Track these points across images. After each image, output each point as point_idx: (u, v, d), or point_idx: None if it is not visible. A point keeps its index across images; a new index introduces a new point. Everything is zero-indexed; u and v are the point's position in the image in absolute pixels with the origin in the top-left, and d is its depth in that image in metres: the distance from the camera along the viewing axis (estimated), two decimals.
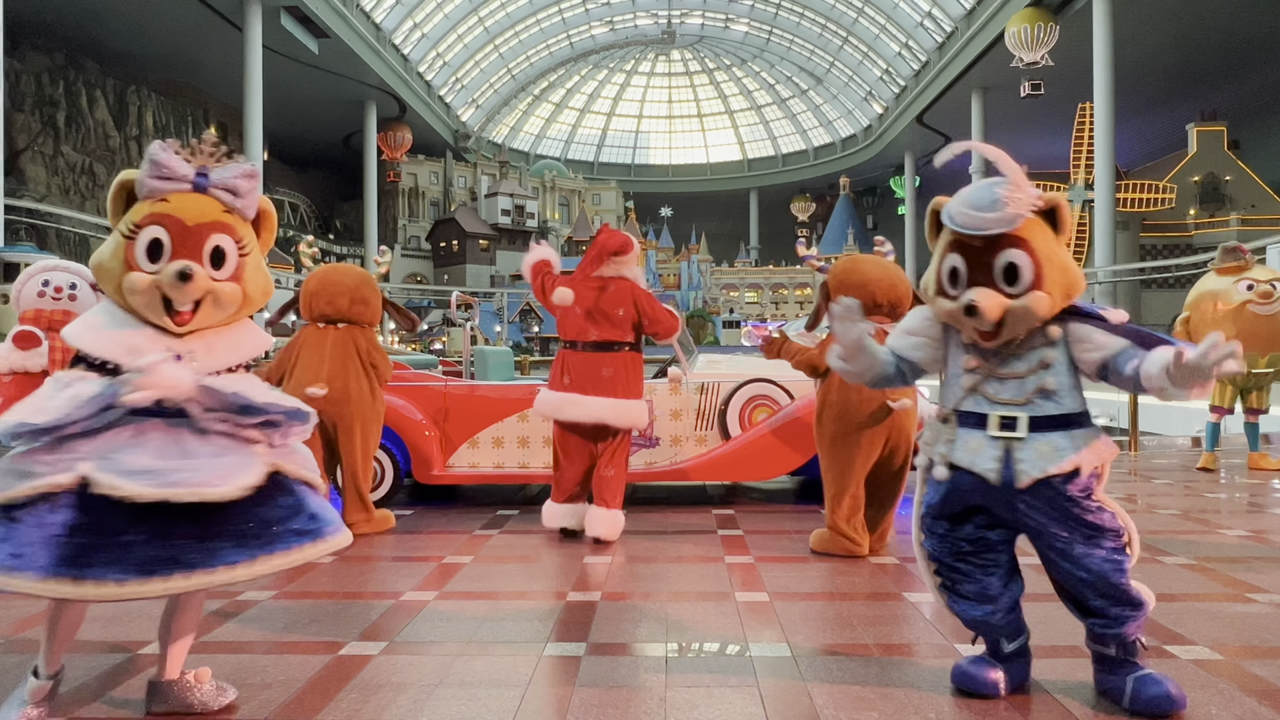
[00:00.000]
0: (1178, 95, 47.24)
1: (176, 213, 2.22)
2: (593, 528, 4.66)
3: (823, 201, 75.49)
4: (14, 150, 40.05)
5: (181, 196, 2.25)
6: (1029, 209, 2.28)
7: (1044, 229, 2.34)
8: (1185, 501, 5.86)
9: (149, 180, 2.23)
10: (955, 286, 2.37)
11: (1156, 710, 2.33)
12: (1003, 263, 2.29)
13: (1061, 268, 2.32)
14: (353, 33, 45.72)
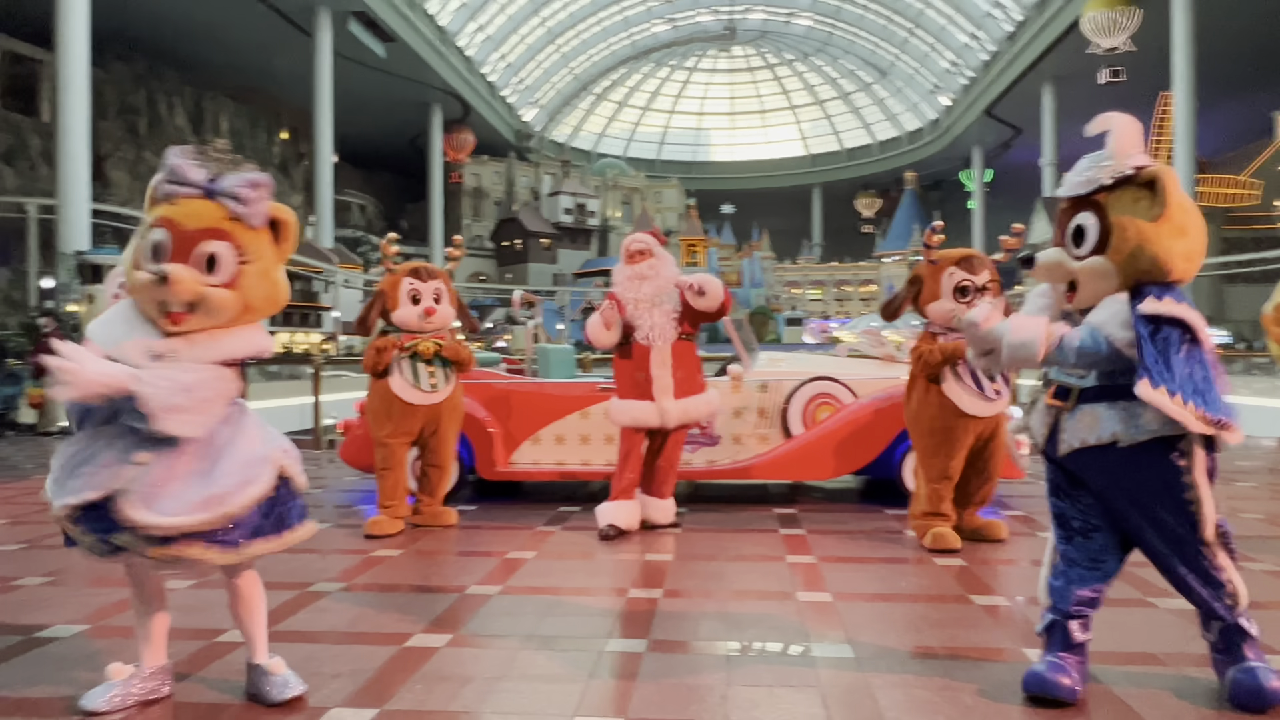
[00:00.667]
0: (1262, 81, 45.18)
1: (178, 217, 2.28)
2: (663, 516, 4.89)
3: (888, 196, 74.28)
4: (99, 156, 41.71)
5: (189, 202, 2.30)
6: (1110, 176, 2.29)
7: (1135, 200, 2.29)
8: (1272, 505, 5.62)
9: (163, 184, 2.31)
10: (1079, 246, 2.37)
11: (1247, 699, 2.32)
12: (1073, 225, 2.35)
13: (1138, 240, 2.25)
14: (418, 36, 46.55)
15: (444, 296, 4.89)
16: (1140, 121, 2.38)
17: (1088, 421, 2.36)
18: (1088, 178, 2.33)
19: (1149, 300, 2.24)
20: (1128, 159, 2.29)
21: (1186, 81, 34.86)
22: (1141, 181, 2.30)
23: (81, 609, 3.42)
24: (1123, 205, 2.29)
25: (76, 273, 25.52)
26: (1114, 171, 2.29)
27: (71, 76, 24.25)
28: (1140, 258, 2.26)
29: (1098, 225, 2.30)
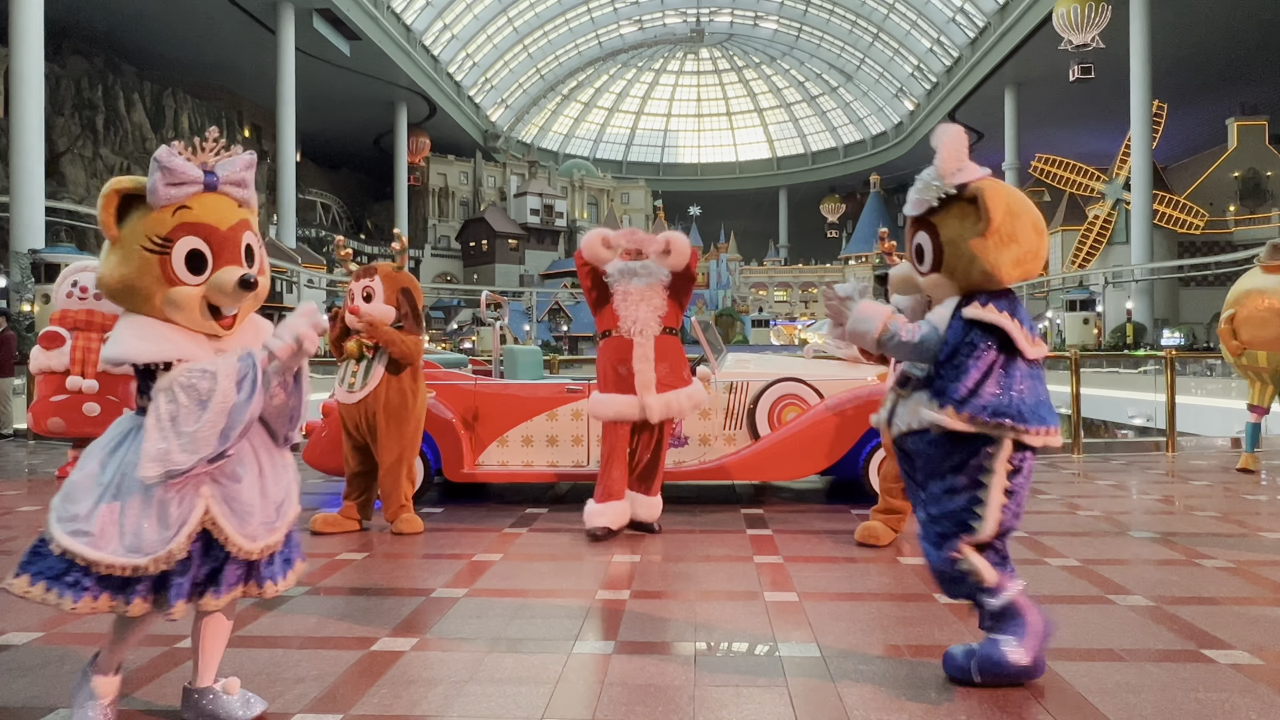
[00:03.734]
0: (1217, 89, 46.34)
1: (208, 219, 2.14)
2: (650, 513, 4.89)
3: (853, 199, 74.96)
4: (54, 153, 40.82)
5: (201, 200, 2.15)
6: (935, 198, 2.43)
7: (962, 217, 2.42)
8: (1225, 503, 5.75)
9: (164, 188, 2.10)
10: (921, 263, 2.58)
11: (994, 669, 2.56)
12: (914, 244, 2.52)
13: (969, 257, 2.40)
14: (383, 34, 46.14)
15: (376, 294, 4.76)
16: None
17: (914, 407, 2.55)
18: (917, 199, 2.46)
19: (973, 305, 2.42)
20: (951, 178, 2.41)
21: (1143, 88, 35.60)
22: (967, 198, 2.41)
23: (35, 615, 3.34)
24: (952, 224, 2.42)
25: (30, 272, 24.97)
26: (939, 193, 2.42)
27: (25, 71, 23.71)
28: (972, 271, 2.41)
29: (932, 244, 2.45)
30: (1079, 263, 43.26)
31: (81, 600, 2.07)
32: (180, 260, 2.11)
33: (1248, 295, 6.98)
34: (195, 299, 2.13)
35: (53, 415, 6.98)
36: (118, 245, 2.14)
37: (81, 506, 2.08)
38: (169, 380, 2.09)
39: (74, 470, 2.17)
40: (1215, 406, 15.55)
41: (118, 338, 2.13)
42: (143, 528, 2.08)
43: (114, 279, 2.14)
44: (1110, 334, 39.28)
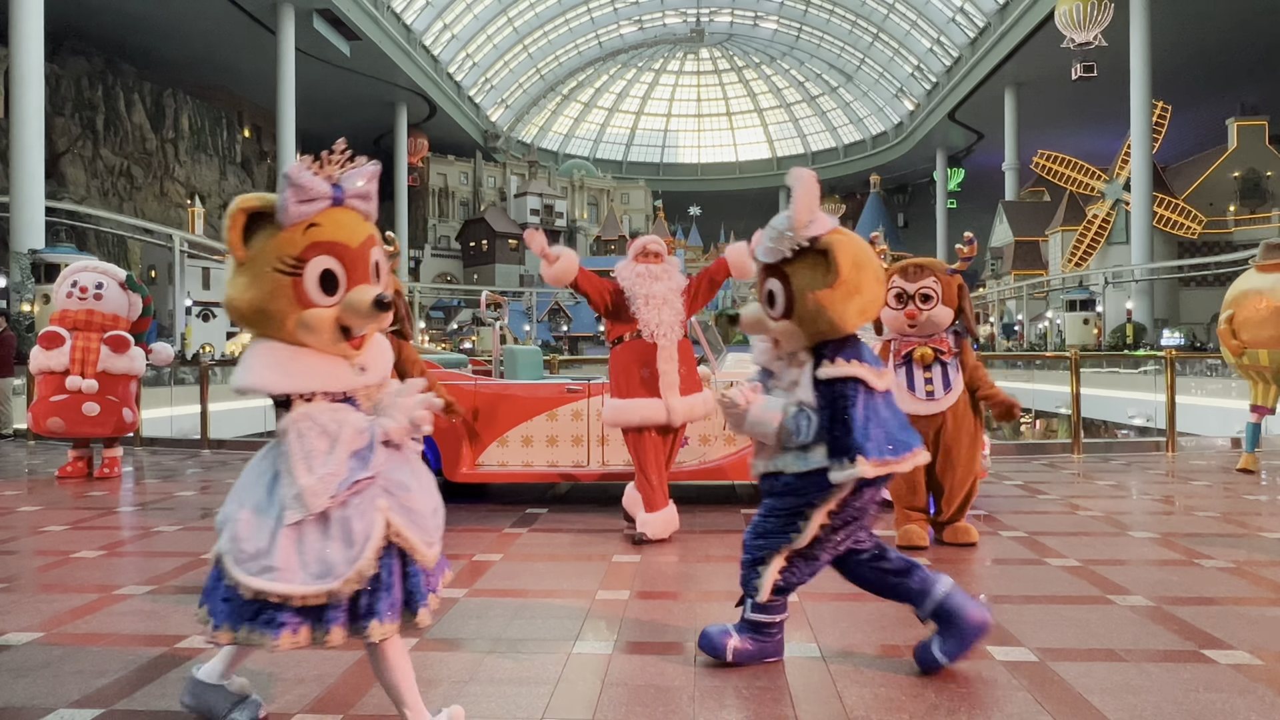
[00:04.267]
0: (1217, 89, 46.34)
1: (339, 237, 2.03)
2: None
3: (853, 199, 74.99)
4: (54, 153, 40.84)
5: (330, 216, 2.03)
6: (789, 250, 2.52)
7: (812, 267, 2.51)
8: (1225, 503, 5.75)
9: (294, 206, 1.98)
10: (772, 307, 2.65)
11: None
12: (766, 290, 2.61)
13: (816, 306, 2.49)
14: (383, 34, 46.16)
15: None
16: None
17: (767, 453, 2.69)
18: (771, 249, 2.55)
19: (824, 366, 2.54)
20: (805, 230, 2.50)
21: (1143, 88, 35.59)
22: (819, 250, 2.51)
23: (36, 616, 3.34)
24: (803, 274, 2.52)
25: (30, 272, 24.97)
26: (792, 245, 2.51)
27: (25, 71, 23.71)
28: (819, 320, 2.52)
29: (784, 292, 2.55)
30: (1075, 261, 43.25)
31: (281, 635, 2.01)
32: (314, 281, 2.00)
33: (1246, 296, 6.98)
34: (329, 321, 2.02)
35: (52, 415, 6.98)
36: (246, 267, 2.02)
37: (258, 543, 2.01)
38: (300, 419, 2.03)
39: (232, 507, 2.08)
40: (1215, 406, 15.54)
41: (249, 366, 2.03)
42: (327, 552, 2.01)
43: (244, 302, 2.02)
44: (1110, 334, 39.30)
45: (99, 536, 4.88)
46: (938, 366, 4.42)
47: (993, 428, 17.51)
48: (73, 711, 2.44)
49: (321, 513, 2.02)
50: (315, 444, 2.01)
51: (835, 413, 2.52)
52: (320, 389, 2.05)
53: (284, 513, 2.00)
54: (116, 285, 7.28)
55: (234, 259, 2.04)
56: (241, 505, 2.07)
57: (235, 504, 2.09)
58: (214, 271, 41.16)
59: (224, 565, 2.04)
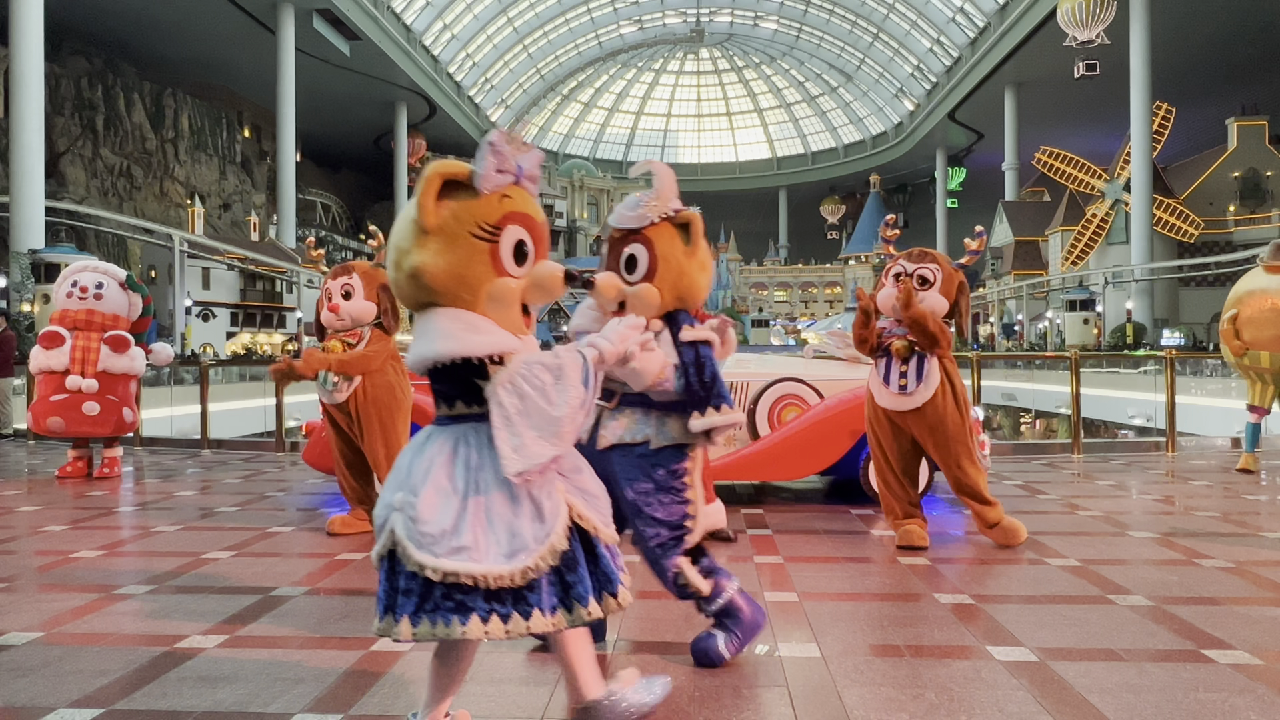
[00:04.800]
0: (1217, 89, 46.36)
1: (530, 211, 2.05)
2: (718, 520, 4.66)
3: (853, 199, 75.01)
4: (54, 153, 40.83)
5: (515, 190, 2.04)
6: (658, 215, 2.67)
7: (673, 237, 2.69)
8: (1224, 503, 5.75)
9: (495, 174, 1.98)
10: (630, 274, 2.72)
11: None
12: (626, 254, 2.70)
13: (678, 272, 2.68)
14: (383, 34, 46.15)
15: (355, 291, 4.72)
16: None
17: (626, 422, 2.74)
18: (639, 214, 2.68)
19: (685, 329, 2.69)
20: (670, 202, 2.70)
21: (1143, 88, 35.57)
22: (678, 223, 2.71)
23: (35, 615, 3.34)
24: (664, 241, 2.68)
25: (30, 272, 24.97)
26: (660, 211, 2.68)
27: (25, 71, 23.72)
28: (679, 286, 2.69)
29: (648, 256, 2.67)
30: (1072, 259, 43.24)
31: (470, 622, 1.91)
32: (509, 249, 1.99)
33: (1250, 295, 6.97)
34: (516, 294, 2.02)
35: (52, 415, 6.97)
36: (437, 233, 1.96)
37: (443, 523, 1.92)
38: (508, 375, 1.95)
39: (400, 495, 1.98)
40: (1215, 407, 15.54)
41: (444, 332, 1.95)
42: (518, 526, 1.95)
43: (438, 268, 1.96)
44: (1110, 334, 39.31)
45: (99, 536, 4.88)
46: (914, 360, 4.38)
47: (992, 428, 17.42)
48: (73, 711, 2.44)
49: (508, 491, 1.95)
50: (543, 378, 1.95)
51: (699, 369, 2.66)
52: (518, 350, 1.99)
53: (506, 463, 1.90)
54: (116, 285, 7.27)
55: (420, 226, 1.97)
56: (415, 490, 1.97)
57: (402, 490, 1.99)
58: (214, 271, 41.16)
59: (403, 553, 1.93)
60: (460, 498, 1.95)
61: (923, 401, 4.34)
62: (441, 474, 1.97)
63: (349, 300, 4.72)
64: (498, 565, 1.91)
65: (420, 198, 1.95)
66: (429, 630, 1.92)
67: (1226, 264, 35.39)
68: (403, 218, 2.03)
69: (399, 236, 2.03)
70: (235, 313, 43.50)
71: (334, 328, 4.78)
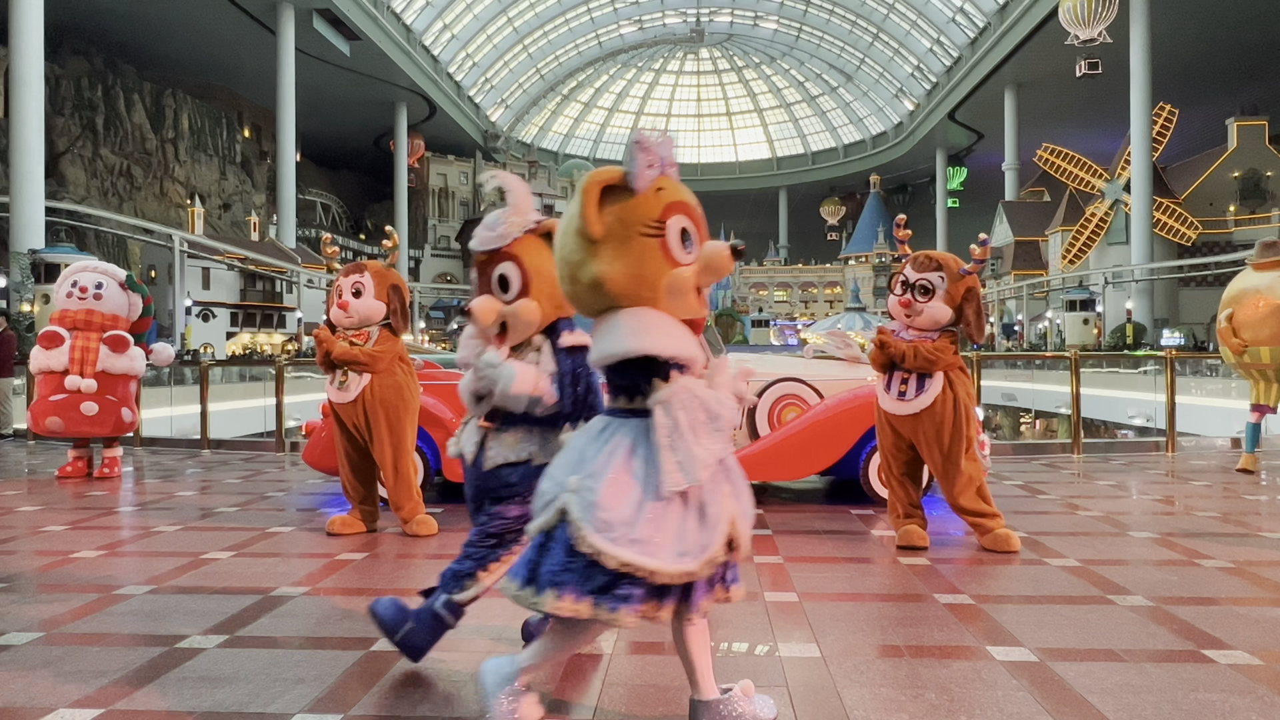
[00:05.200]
0: (1217, 89, 46.36)
1: (685, 197, 2.09)
2: None
3: (853, 199, 75.01)
4: (54, 153, 40.82)
5: (668, 181, 2.08)
6: (520, 230, 2.61)
7: (540, 248, 2.61)
8: (1224, 503, 5.75)
9: (648, 171, 2.04)
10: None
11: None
12: (498, 274, 2.62)
13: (553, 282, 2.51)
14: (383, 34, 46.15)
15: (365, 290, 4.71)
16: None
17: (510, 441, 2.68)
18: (500, 233, 2.61)
19: (564, 335, 2.62)
20: (528, 215, 2.64)
21: (1143, 88, 35.57)
22: (541, 233, 2.64)
23: (36, 616, 3.34)
24: (532, 254, 2.61)
25: (30, 272, 24.97)
26: (521, 225, 2.62)
27: (25, 71, 23.71)
28: (556, 295, 2.55)
29: (518, 272, 2.60)
30: (1070, 258, 43.24)
31: (622, 610, 2.00)
32: (676, 239, 2.04)
33: (1244, 294, 6.99)
34: (691, 281, 2.06)
35: (51, 415, 6.97)
36: (607, 240, 2.03)
37: (623, 513, 1.99)
38: (682, 391, 2.03)
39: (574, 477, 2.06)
40: (1215, 406, 15.54)
41: (631, 330, 2.02)
42: (687, 530, 2.02)
43: (616, 273, 2.02)
44: (1110, 334, 39.32)
45: (99, 536, 4.88)
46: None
47: (992, 428, 17.43)
48: (73, 711, 2.44)
49: (683, 493, 2.03)
50: (698, 416, 2.02)
51: (574, 381, 2.59)
52: (698, 357, 2.09)
53: (662, 483, 1.99)
54: (116, 285, 7.27)
55: (588, 236, 2.04)
56: (595, 476, 2.04)
57: (577, 474, 2.06)
58: (214, 271, 41.16)
59: (576, 534, 2.01)
60: (640, 492, 2.02)
61: (921, 408, 4.35)
62: (622, 466, 2.05)
63: (359, 298, 4.72)
64: (669, 563, 2.00)
65: (584, 209, 2.02)
66: (590, 610, 2.01)
67: (1226, 264, 35.37)
68: (565, 231, 2.11)
69: (567, 251, 2.10)
70: (235, 313, 43.52)
71: (342, 325, 4.79)
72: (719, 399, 2.07)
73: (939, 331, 4.38)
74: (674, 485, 1.99)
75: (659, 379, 2.06)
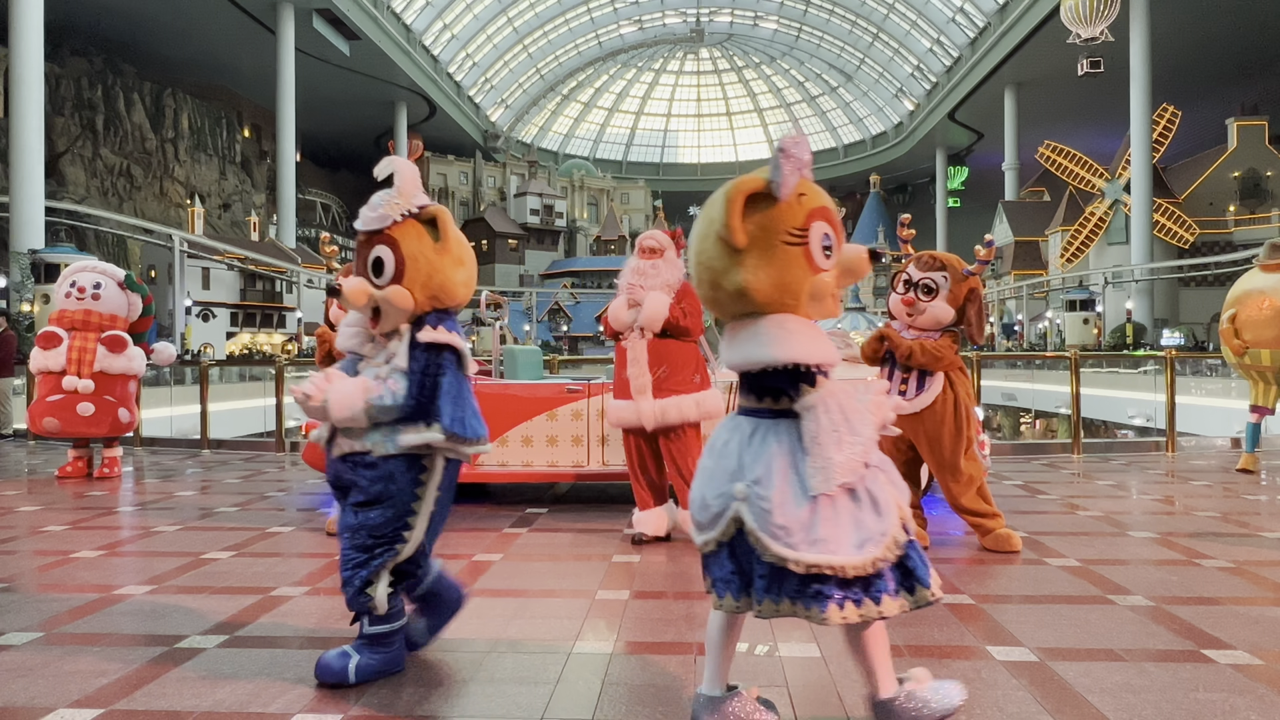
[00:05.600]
0: (1217, 89, 46.36)
1: (825, 202, 2.10)
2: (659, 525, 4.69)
3: (853, 199, 74.99)
4: (54, 153, 40.82)
5: (808, 185, 2.10)
6: (400, 214, 2.56)
7: (420, 235, 2.58)
8: (1224, 503, 5.75)
9: (790, 176, 2.05)
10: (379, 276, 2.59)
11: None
12: (373, 257, 2.57)
13: (429, 270, 2.55)
14: (383, 34, 46.15)
15: None
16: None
17: (355, 431, 2.61)
18: (380, 214, 2.57)
19: (426, 329, 2.57)
20: (412, 199, 2.59)
21: (1143, 87, 35.56)
22: (424, 219, 2.60)
23: (36, 616, 3.34)
24: (411, 239, 2.56)
25: (30, 272, 24.97)
26: (403, 209, 2.57)
27: (25, 71, 23.71)
28: (431, 285, 2.57)
29: (394, 257, 2.54)
30: (1067, 257, 43.22)
31: (829, 608, 2.05)
32: (818, 246, 2.06)
33: (1248, 295, 6.98)
34: (832, 285, 2.09)
35: (47, 415, 6.96)
36: (751, 248, 2.05)
37: (799, 517, 2.06)
38: (827, 397, 2.08)
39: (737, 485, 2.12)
40: (1215, 406, 15.54)
41: (775, 339, 2.06)
42: (862, 520, 2.08)
43: (761, 281, 2.06)
44: (1110, 334, 39.32)
45: (99, 536, 4.88)
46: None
47: (992, 428, 17.45)
48: (73, 711, 2.44)
49: (850, 487, 2.08)
50: (838, 421, 2.07)
51: (425, 377, 2.55)
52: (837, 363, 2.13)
53: (811, 484, 2.04)
54: (115, 285, 7.26)
55: (732, 245, 2.06)
56: (761, 483, 2.09)
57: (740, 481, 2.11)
58: (214, 271, 41.16)
59: (758, 544, 2.08)
60: (806, 493, 2.06)
61: (921, 408, 4.34)
62: (785, 470, 2.10)
63: None
64: (852, 556, 2.04)
65: (728, 219, 2.04)
66: (791, 609, 2.09)
67: (1226, 264, 35.37)
68: (705, 236, 2.11)
69: (709, 257, 2.11)
70: (235, 313, 43.52)
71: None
72: (860, 410, 2.11)
73: (940, 331, 4.37)
74: (817, 489, 2.05)
75: (805, 384, 2.10)
